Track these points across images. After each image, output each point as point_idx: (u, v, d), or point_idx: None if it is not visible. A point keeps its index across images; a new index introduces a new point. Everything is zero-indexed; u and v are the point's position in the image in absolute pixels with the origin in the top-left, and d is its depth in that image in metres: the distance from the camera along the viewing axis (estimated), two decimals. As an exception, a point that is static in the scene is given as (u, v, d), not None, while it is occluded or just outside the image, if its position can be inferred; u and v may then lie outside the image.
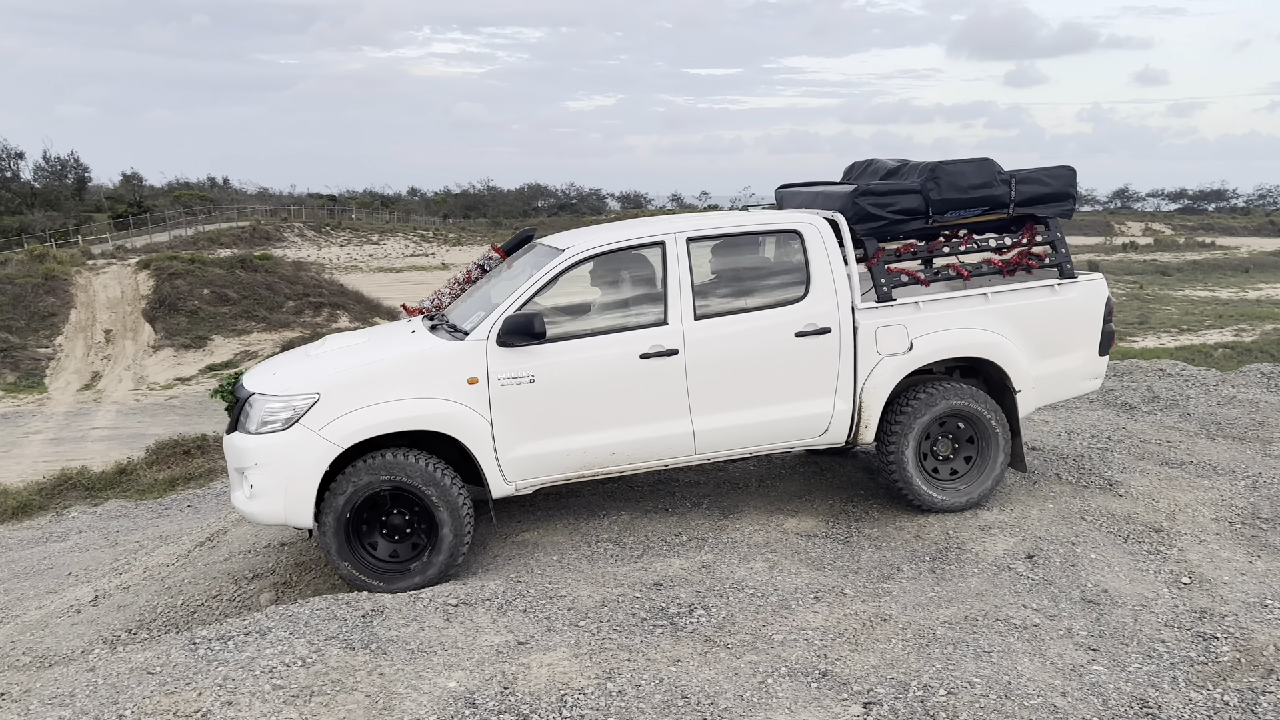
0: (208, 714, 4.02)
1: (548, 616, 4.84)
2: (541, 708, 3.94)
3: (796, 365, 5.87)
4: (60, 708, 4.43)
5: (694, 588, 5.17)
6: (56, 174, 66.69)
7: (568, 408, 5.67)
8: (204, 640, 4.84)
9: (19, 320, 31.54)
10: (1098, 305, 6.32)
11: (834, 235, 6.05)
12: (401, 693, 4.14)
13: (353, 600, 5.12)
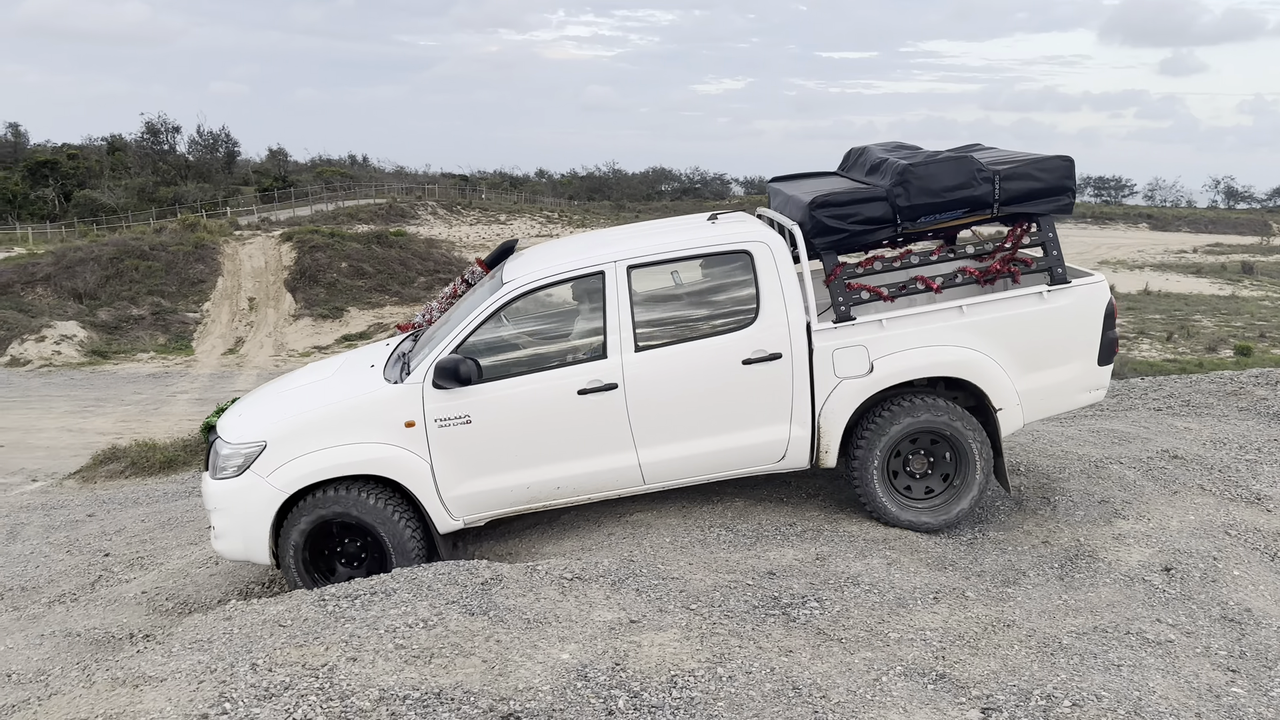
0: (334, 668, 4.20)
1: (660, 597, 4.87)
2: (652, 686, 3.97)
3: (745, 393, 5.63)
4: (199, 652, 4.71)
5: (807, 579, 5.11)
6: (209, 148, 70.47)
7: (507, 446, 5.68)
8: (332, 597, 5.06)
9: (171, 286, 33.54)
10: (1096, 311, 5.72)
11: (788, 252, 5.72)
12: (517, 660, 4.24)
13: (473, 568, 5.26)
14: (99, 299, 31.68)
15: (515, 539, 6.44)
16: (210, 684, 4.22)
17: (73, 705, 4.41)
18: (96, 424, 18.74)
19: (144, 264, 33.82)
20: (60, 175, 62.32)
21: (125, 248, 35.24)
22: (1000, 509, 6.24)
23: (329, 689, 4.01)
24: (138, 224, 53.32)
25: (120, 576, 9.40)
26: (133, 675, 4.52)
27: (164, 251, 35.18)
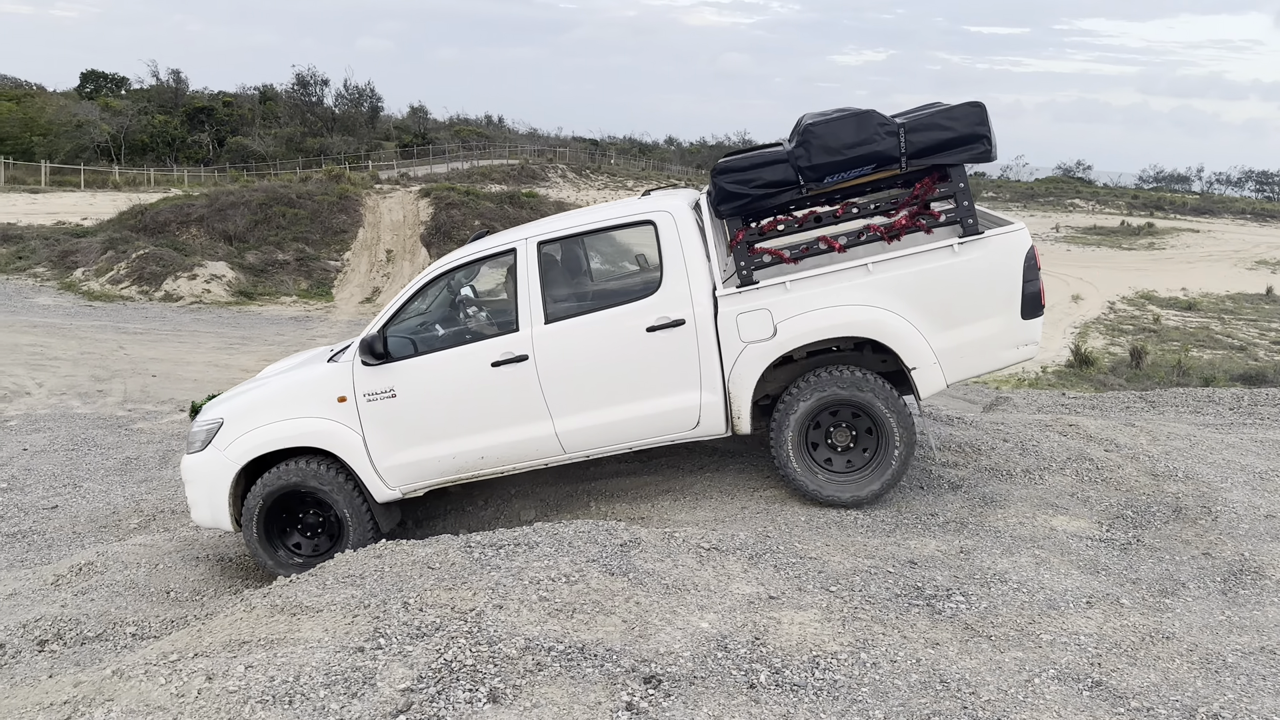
0: (481, 614, 4.32)
1: (798, 575, 4.83)
2: (794, 664, 3.95)
3: (652, 360, 5.63)
4: (352, 587, 4.92)
5: (951, 572, 4.98)
6: (354, 102, 72.79)
7: (431, 418, 5.92)
8: (478, 545, 5.21)
9: (315, 234, 34.89)
10: (1014, 263, 5.39)
11: (693, 220, 5.68)
12: (656, 624, 4.28)
13: (612, 529, 5.33)
14: (247, 242, 33.22)
15: (647, 504, 6.49)
16: (364, 619, 4.41)
17: (234, 627, 4.67)
18: (241, 360, 19.71)
19: (290, 211, 35.28)
20: (215, 121, 65.48)
21: (274, 195, 36.81)
22: (1157, 515, 5.94)
23: (477, 633, 4.13)
24: (285, 172, 55.66)
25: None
26: (290, 604, 4.76)
27: (310, 201, 36.59)
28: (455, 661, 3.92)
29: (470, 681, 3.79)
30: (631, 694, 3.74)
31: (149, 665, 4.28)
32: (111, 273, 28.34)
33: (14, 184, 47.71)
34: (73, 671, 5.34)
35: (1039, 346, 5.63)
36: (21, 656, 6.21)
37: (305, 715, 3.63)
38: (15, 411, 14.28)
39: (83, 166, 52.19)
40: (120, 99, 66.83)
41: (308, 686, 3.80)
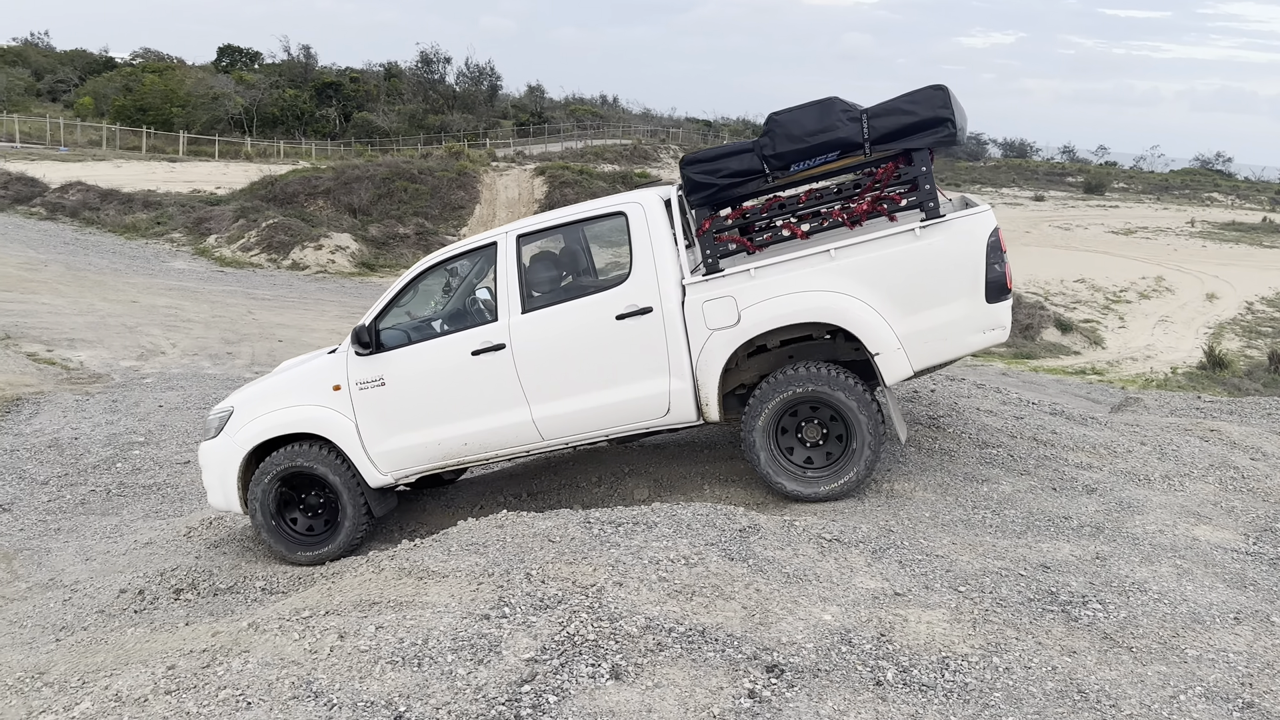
0: (601, 590, 4.34)
1: (925, 573, 4.70)
2: (922, 664, 3.84)
3: (622, 347, 5.71)
4: (475, 555, 5.00)
5: (1086, 578, 4.77)
6: (474, 80, 74.05)
7: (417, 405, 6.11)
8: (597, 521, 5.23)
9: (434, 209, 35.73)
10: (976, 246, 5.26)
11: (662, 211, 5.74)
12: (777, 613, 4.22)
13: (730, 513, 5.29)
14: (370, 215, 34.22)
15: (762, 490, 6.41)
16: (489, 587, 4.48)
17: (364, 587, 4.81)
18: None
19: (411, 186, 36.17)
20: (342, 97, 67.53)
21: (396, 169, 37.81)
22: (1312, 533, 5.57)
23: (598, 609, 4.15)
24: (407, 148, 57.11)
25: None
26: (416, 567, 4.87)
27: (430, 176, 37.44)
28: (578, 635, 3.95)
29: (593, 656, 3.81)
30: (754, 681, 3.69)
31: (283, 620, 4.44)
32: (242, 240, 29.58)
33: (155, 153, 50.27)
34: (208, 621, 5.60)
35: (1006, 331, 5.49)
36: (159, 603, 6.55)
37: (434, 679, 3.70)
38: (151, 370, 15.05)
39: (217, 138, 54.58)
40: (253, 73, 69.62)
41: (435, 650, 3.88)
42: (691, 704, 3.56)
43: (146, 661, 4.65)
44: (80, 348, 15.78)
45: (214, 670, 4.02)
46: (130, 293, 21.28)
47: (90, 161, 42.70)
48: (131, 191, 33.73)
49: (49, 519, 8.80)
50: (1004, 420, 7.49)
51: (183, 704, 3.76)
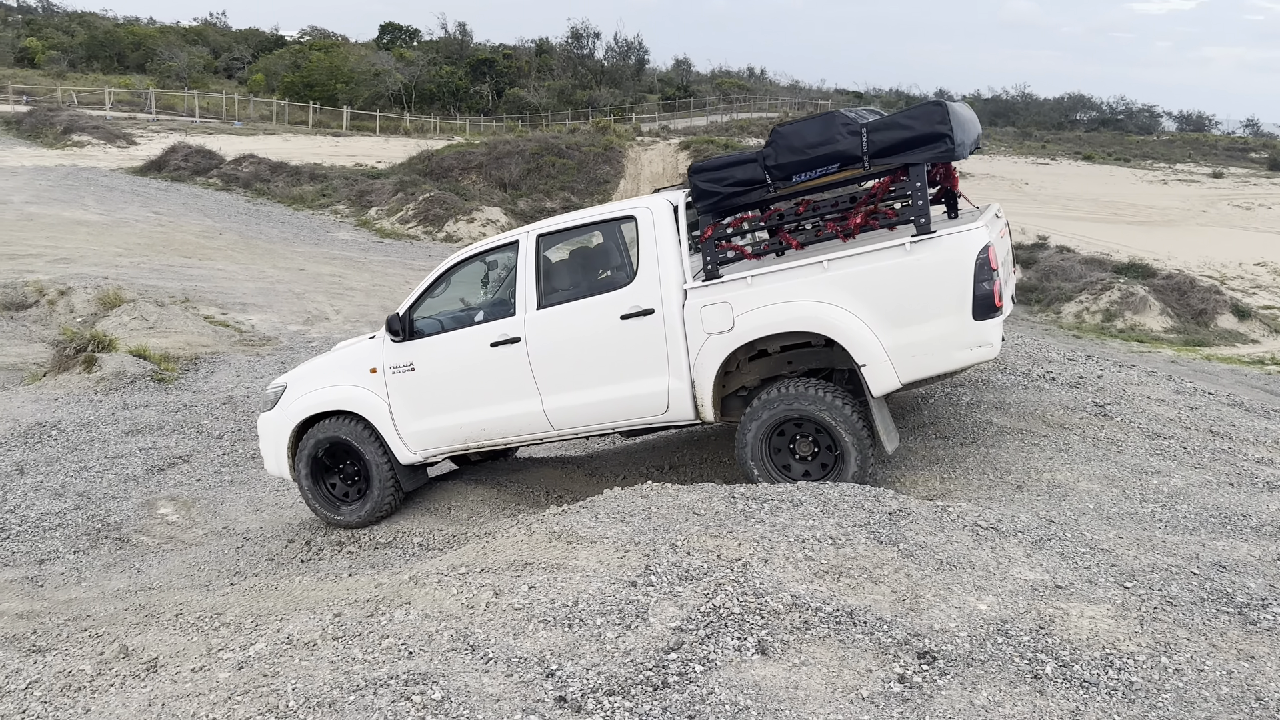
0: (747, 564, 4.34)
1: (1088, 567, 4.48)
2: (1084, 660, 3.68)
3: (625, 346, 5.93)
4: (621, 523, 5.08)
5: (1267, 580, 4.45)
6: (622, 55, 74.52)
7: (442, 390, 6.52)
8: (742, 496, 5.22)
9: (580, 183, 36.26)
10: (964, 263, 5.23)
11: (670, 216, 5.90)
12: (928, 599, 4.12)
13: (880, 495, 5.19)
14: (520, 189, 35.02)
15: (914, 473, 6.26)
16: (635, 555, 4.55)
17: (516, 548, 4.96)
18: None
19: (559, 161, 36.79)
20: (495, 73, 69.22)
21: (545, 144, 38.52)
22: None
23: (744, 583, 4.15)
24: (555, 123, 58.09)
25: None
26: (566, 532, 4.99)
27: (577, 151, 37.98)
28: (723, 608, 3.96)
29: (739, 630, 3.82)
30: (904, 666, 3.62)
31: (441, 575, 4.63)
32: (401, 213, 30.79)
33: (320, 127, 52.83)
34: (370, 573, 5.90)
35: (994, 349, 5.41)
36: (323, 554, 6.95)
37: (583, 640, 3.79)
38: (316, 334, 15.89)
39: (378, 113, 56.87)
40: (412, 50, 72.07)
41: (585, 613, 3.98)
42: (839, 684, 3.52)
43: (314, 608, 4.95)
44: (252, 312, 16.82)
45: (377, 620, 4.23)
46: (297, 261, 22.49)
47: (262, 135, 45.28)
48: (299, 164, 35.57)
49: (223, 471, 9.45)
50: (1177, 410, 7.06)
51: (349, 650, 3.98)
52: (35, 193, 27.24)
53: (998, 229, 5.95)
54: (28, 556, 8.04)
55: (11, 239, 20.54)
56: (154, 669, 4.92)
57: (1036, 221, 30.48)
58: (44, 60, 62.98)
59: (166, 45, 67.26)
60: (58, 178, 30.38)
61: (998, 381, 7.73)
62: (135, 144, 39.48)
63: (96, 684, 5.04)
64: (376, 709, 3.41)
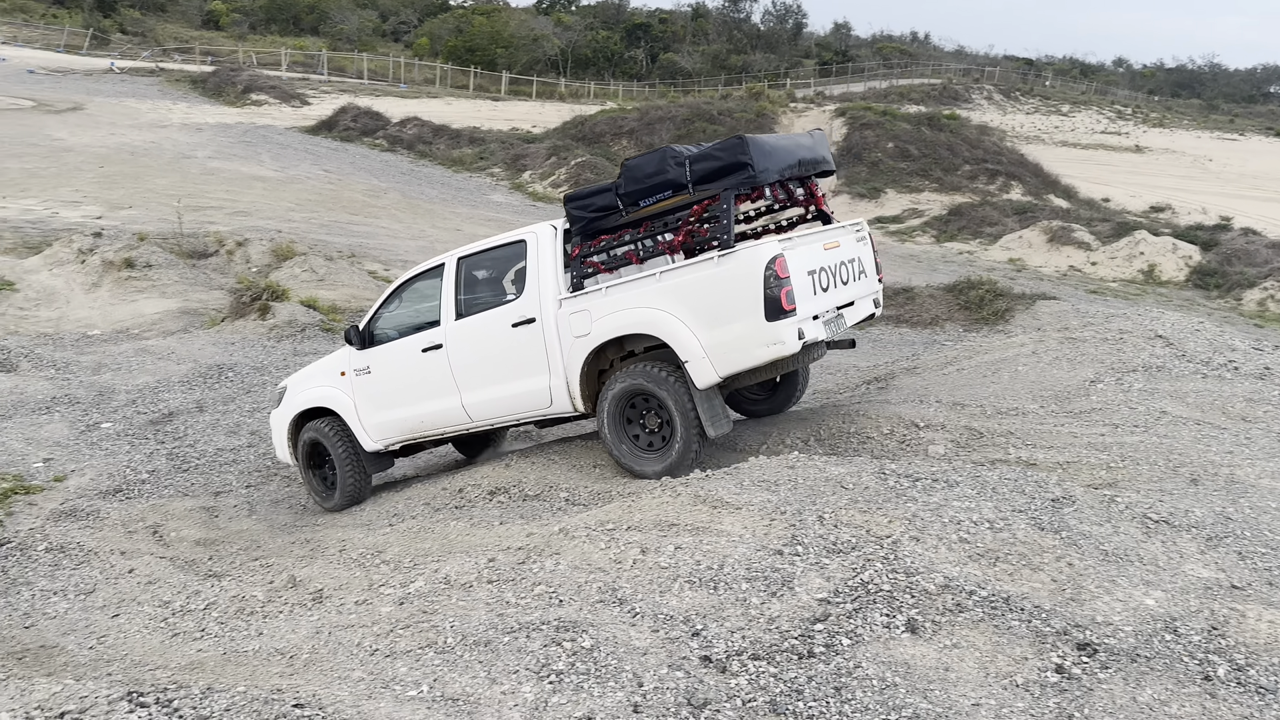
0: (897, 542, 4.25)
1: (1269, 568, 4.20)
2: (1261, 664, 3.45)
3: (516, 349, 6.81)
4: (767, 492, 5.06)
5: None
6: (779, 19, 73.30)
7: (391, 389, 7.50)
8: (892, 473, 5.12)
9: (731, 149, 36.01)
10: (756, 274, 5.98)
11: (552, 239, 6.77)
12: (1092, 590, 3.94)
13: (1042, 480, 4.98)
14: (670, 154, 35.06)
15: (1078, 460, 5.98)
16: (781, 524, 4.53)
17: (662, 508, 5.02)
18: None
19: (710, 127, 36.53)
20: (650, 38, 69.24)
21: (697, 110, 38.32)
22: None
23: (893, 561, 4.08)
24: (708, 89, 57.69)
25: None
26: (711, 497, 5.01)
27: (729, 118, 37.63)
28: (871, 584, 3.91)
29: (888, 607, 3.76)
30: (1063, 657, 3.49)
31: (589, 530, 4.74)
32: (553, 177, 31.31)
33: (480, 91, 54.18)
34: (520, 523, 6.09)
35: (787, 346, 6.01)
36: (476, 503, 7.21)
37: (728, 603, 3.81)
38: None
39: (535, 78, 57.84)
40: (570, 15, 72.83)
41: (730, 577, 3.99)
42: (993, 669, 3.43)
43: (469, 552, 5.16)
44: (411, 269, 17.53)
45: (529, 567, 4.37)
46: (455, 221, 23.23)
47: (425, 98, 46.81)
48: (459, 128, 36.61)
49: (385, 418, 9.90)
50: (1380, 408, 6.48)
51: (502, 593, 4.13)
52: (217, 148, 29.06)
53: (850, 242, 6.92)
54: (205, 488, 8.68)
55: (195, 192, 22.00)
56: (320, 599, 5.25)
57: (1219, 201, 28.41)
58: (227, 23, 66.88)
59: (339, 8, 70.19)
60: (237, 135, 32.29)
61: (1174, 369, 7.28)
62: (308, 104, 41.51)
63: (267, 609, 5.42)
64: (529, 651, 3.53)
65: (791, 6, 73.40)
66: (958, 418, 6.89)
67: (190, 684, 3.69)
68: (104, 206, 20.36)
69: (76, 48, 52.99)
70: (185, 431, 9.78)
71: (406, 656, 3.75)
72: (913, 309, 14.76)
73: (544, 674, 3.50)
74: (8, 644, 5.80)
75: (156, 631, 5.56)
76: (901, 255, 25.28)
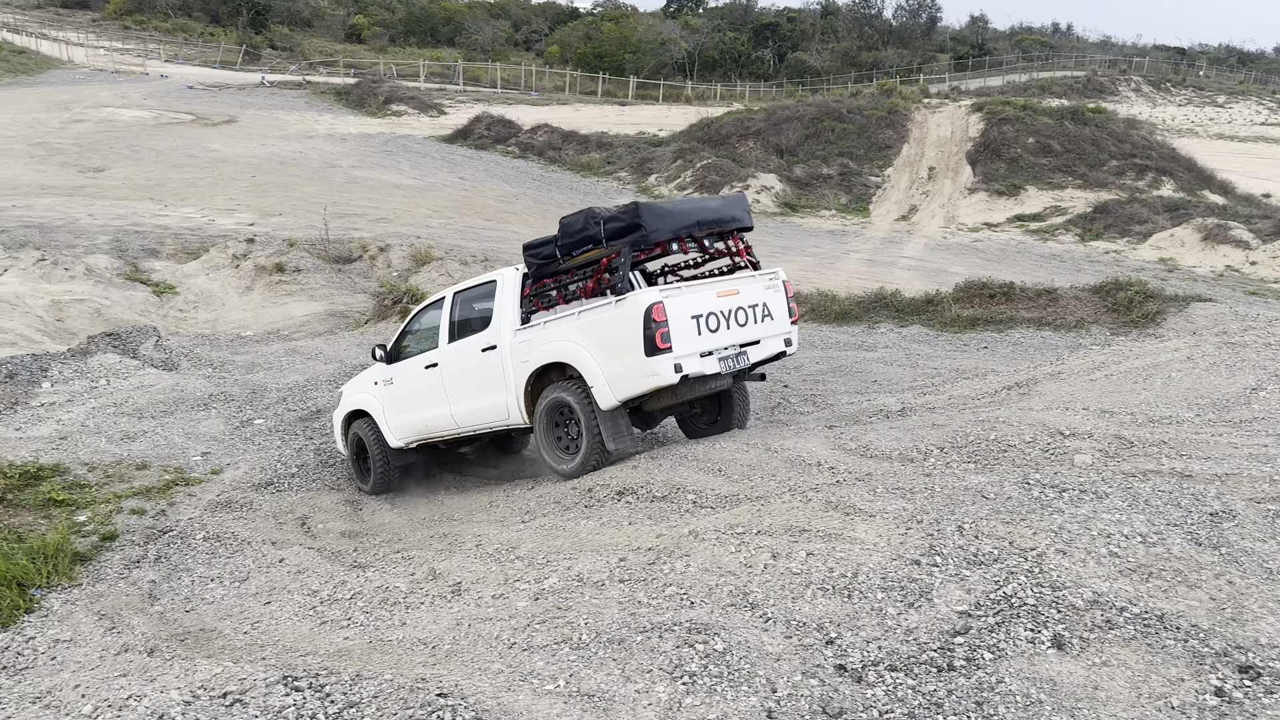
0: (1043, 555, 4.10)
1: None
2: None
3: (484, 370, 8.09)
4: (902, 499, 4.96)
5: None
6: (912, 13, 71.51)
7: (404, 397, 8.87)
8: (1037, 483, 4.93)
9: (859, 149, 35.30)
10: (638, 316, 7.02)
11: (515, 282, 8.01)
12: (1255, 610, 3.71)
13: (1199, 494, 4.71)
14: (796, 156, 34.63)
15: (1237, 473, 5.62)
16: (918, 533, 4.43)
17: (791, 513, 4.98)
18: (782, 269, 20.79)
19: (839, 126, 35.98)
20: (778, 38, 68.66)
21: (825, 109, 37.78)
22: None
23: (1038, 574, 3.93)
24: (837, 87, 56.84)
25: (796, 408, 10.46)
26: (843, 503, 4.94)
27: (859, 115, 36.96)
28: (1015, 597, 3.78)
29: (1032, 622, 3.63)
30: (1222, 679, 3.30)
31: (719, 533, 4.75)
32: (679, 180, 31.44)
33: (608, 96, 54.88)
34: (648, 524, 6.14)
35: (662, 378, 7.09)
36: (605, 503, 7.30)
37: (863, 612, 3.76)
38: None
39: (662, 82, 58.19)
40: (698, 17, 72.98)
41: (865, 586, 3.93)
42: (1145, 690, 3.27)
43: (599, 551, 5.24)
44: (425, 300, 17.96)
45: (659, 568, 4.41)
46: (583, 224, 23.63)
47: (555, 105, 47.72)
48: (587, 133, 37.17)
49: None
50: None
51: (634, 593, 4.18)
52: (360, 158, 30.36)
53: (756, 289, 7.82)
54: (349, 482, 9.08)
55: (340, 199, 23.04)
56: (459, 592, 5.42)
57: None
58: (369, 35, 69.80)
59: (473, 20, 72.35)
60: (378, 144, 33.65)
61: (1349, 376, 6.77)
62: (444, 113, 42.92)
63: (409, 600, 5.63)
64: (662, 651, 3.56)
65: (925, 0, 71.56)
66: (1106, 426, 6.58)
67: (340, 670, 3.88)
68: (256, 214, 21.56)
69: (231, 63, 56.31)
70: (332, 428, 10.28)
71: (543, 651, 3.83)
72: (1056, 311, 14.19)
73: (677, 675, 3.52)
74: (171, 626, 6.21)
75: (306, 619, 5.85)
76: (1043, 255, 24.35)
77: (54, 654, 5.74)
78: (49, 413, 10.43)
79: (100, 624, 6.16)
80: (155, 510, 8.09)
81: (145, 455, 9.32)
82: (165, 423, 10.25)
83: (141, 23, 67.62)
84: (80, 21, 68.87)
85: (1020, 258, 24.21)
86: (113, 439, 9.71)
